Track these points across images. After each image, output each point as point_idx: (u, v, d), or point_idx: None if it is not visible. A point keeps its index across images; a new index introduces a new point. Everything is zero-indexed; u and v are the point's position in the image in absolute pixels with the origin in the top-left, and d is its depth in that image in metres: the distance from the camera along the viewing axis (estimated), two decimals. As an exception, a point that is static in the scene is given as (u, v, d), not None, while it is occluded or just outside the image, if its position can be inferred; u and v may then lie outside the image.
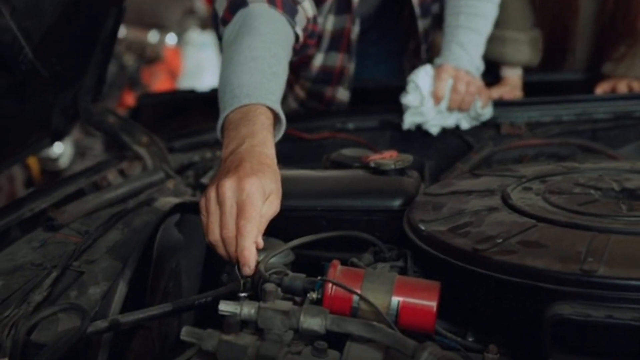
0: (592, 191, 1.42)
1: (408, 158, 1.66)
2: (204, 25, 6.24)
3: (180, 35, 6.09)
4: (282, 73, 1.57)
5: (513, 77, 2.29)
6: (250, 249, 1.27)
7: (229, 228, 1.29)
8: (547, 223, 1.28)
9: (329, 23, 2.15)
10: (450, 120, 2.06)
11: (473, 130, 2.08)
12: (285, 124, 1.53)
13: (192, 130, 2.20)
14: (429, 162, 2.06)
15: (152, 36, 5.85)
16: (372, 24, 2.45)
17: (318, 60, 2.21)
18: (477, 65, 2.11)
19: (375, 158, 1.65)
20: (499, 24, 2.22)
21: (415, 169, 1.91)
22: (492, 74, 2.28)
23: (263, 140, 1.40)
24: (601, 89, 2.23)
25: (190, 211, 1.63)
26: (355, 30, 2.15)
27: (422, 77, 2.04)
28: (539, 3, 2.25)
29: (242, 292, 1.26)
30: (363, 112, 2.17)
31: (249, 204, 1.28)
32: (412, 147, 2.08)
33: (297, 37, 1.71)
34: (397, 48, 2.45)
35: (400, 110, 2.07)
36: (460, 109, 2.04)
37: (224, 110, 1.46)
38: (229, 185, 1.29)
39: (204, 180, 1.89)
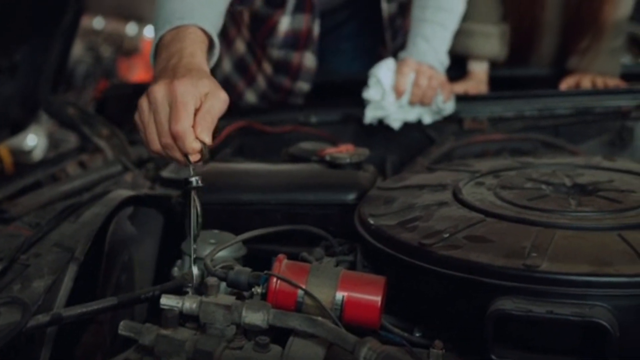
0: (543, 186, 1.42)
1: (364, 152, 1.65)
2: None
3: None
4: (217, 2, 1.54)
5: (479, 72, 2.29)
6: (193, 146, 1.24)
7: (166, 134, 1.26)
8: (495, 218, 1.28)
9: None
10: (412, 114, 2.05)
11: (435, 125, 2.08)
12: (219, 47, 1.48)
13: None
14: (391, 157, 2.06)
15: (131, 28, 5.82)
16: (344, 19, 2.44)
17: (284, 24, 2.19)
18: (441, 60, 2.10)
19: (331, 152, 1.64)
20: (467, 17, 2.21)
21: (377, 164, 1.92)
22: (457, 68, 2.28)
23: (192, 53, 1.36)
24: (566, 84, 2.23)
25: (144, 204, 1.62)
26: None
27: (383, 71, 2.04)
28: None
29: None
30: (326, 105, 2.17)
31: (180, 104, 1.25)
32: (375, 141, 2.08)
33: None
34: (371, 44, 2.44)
35: (363, 104, 2.06)
36: (422, 103, 2.04)
37: (156, 35, 1.43)
38: (158, 89, 1.27)
39: (164, 173, 1.87)
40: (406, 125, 2.07)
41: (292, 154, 1.75)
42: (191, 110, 1.25)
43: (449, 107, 2.06)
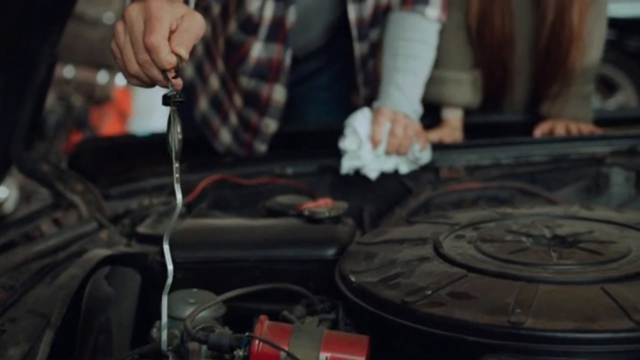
0: (523, 238, 1.41)
1: (342, 206, 1.64)
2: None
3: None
4: None
5: (453, 119, 2.30)
6: (168, 59, 1.22)
7: (142, 50, 1.23)
8: (477, 273, 1.28)
9: (267, 10, 2.13)
10: (389, 164, 2.05)
11: (412, 174, 2.08)
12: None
13: (129, 177, 2.16)
14: (368, 207, 2.05)
15: (102, 77, 5.80)
16: (319, 67, 2.44)
17: (256, 51, 2.18)
18: (415, 108, 2.11)
19: (309, 206, 1.63)
20: (439, 64, 2.23)
21: (355, 214, 1.91)
22: (431, 116, 2.28)
23: None
24: (540, 130, 2.24)
25: (121, 263, 1.60)
26: (291, 18, 2.12)
27: (359, 121, 2.04)
28: (476, 42, 2.26)
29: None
30: (302, 156, 2.16)
31: (155, 18, 1.23)
32: (352, 191, 2.08)
33: None
34: (346, 94, 2.44)
35: (339, 154, 2.06)
36: (399, 152, 2.04)
37: None
38: (132, 8, 1.25)
39: (141, 228, 1.85)
40: (383, 175, 2.06)
41: (270, 208, 1.74)
42: (166, 25, 1.24)
43: (425, 156, 2.06)
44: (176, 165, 1.27)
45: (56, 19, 1.93)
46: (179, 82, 1.28)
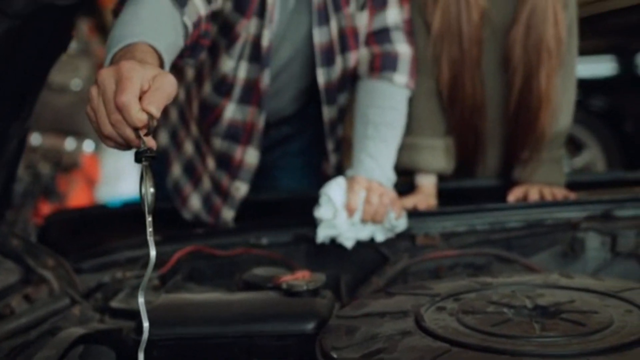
0: (505, 309, 1.40)
1: (321, 278, 1.62)
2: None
3: (97, 141, 6.01)
4: (168, 31, 1.60)
5: (427, 185, 2.30)
6: (138, 117, 1.26)
7: (114, 110, 1.27)
8: (460, 347, 1.26)
9: (241, 70, 2.13)
10: (365, 232, 2.04)
11: (388, 242, 2.07)
12: (168, 64, 1.52)
13: (101, 250, 2.13)
14: (345, 276, 2.03)
15: (69, 143, 5.76)
16: (292, 133, 2.44)
17: (229, 112, 2.18)
18: (388, 176, 2.11)
19: (287, 279, 1.61)
20: (411, 131, 2.24)
21: (331, 284, 1.89)
22: (405, 183, 2.28)
23: (142, 58, 1.39)
24: (513, 196, 2.25)
25: (94, 341, 1.56)
26: (265, 81, 2.13)
27: (334, 190, 2.03)
28: (447, 107, 2.28)
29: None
30: (277, 226, 2.14)
31: (126, 79, 1.27)
32: (328, 261, 2.06)
33: (185, 27, 1.70)
34: (320, 161, 2.44)
35: (314, 223, 2.04)
36: (374, 220, 2.03)
37: (108, 56, 1.47)
38: (105, 71, 1.30)
39: (114, 303, 1.82)
40: (359, 244, 2.05)
41: (247, 281, 1.71)
42: (136, 85, 1.28)
43: (401, 223, 2.05)
44: (149, 219, 1.29)
45: (28, 94, 1.92)
46: (151, 140, 1.30)
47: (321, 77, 2.20)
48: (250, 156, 2.22)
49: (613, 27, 5.51)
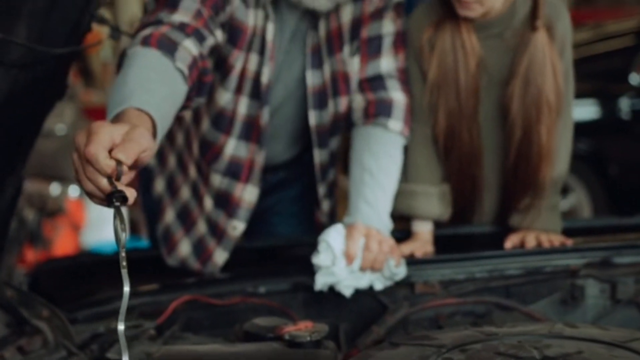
0: (513, 361, 1.39)
1: (323, 328, 1.61)
2: (107, 176, 6.15)
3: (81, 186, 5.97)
4: (156, 81, 1.66)
5: (424, 232, 2.29)
6: (106, 163, 1.33)
7: (87, 164, 1.34)
8: (472, 400, 1.24)
9: (242, 106, 2.14)
10: (364, 281, 2.03)
11: (387, 290, 2.05)
12: (161, 131, 1.58)
13: (95, 299, 2.10)
14: (343, 325, 2.01)
15: (54, 189, 5.73)
16: (289, 178, 2.43)
17: (230, 147, 2.18)
18: (385, 223, 2.11)
19: (289, 329, 1.59)
20: (408, 178, 2.24)
21: (330, 332, 1.87)
22: (400, 229, 2.27)
23: (132, 123, 1.46)
24: (510, 242, 2.24)
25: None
26: (265, 118, 2.14)
27: (333, 237, 2.02)
28: (443, 155, 2.28)
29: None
30: (274, 274, 2.12)
31: (93, 133, 1.35)
32: (326, 309, 2.04)
33: (181, 72, 1.75)
34: (313, 208, 2.43)
35: (311, 271, 2.03)
36: (374, 268, 2.01)
37: None
38: (79, 132, 1.38)
39: (110, 354, 1.79)
40: (357, 292, 2.04)
41: (247, 332, 1.69)
42: (104, 137, 1.35)
43: (400, 271, 2.04)
44: (122, 254, 1.40)
45: (23, 144, 1.91)
46: (127, 187, 1.36)
47: (313, 119, 2.21)
48: (250, 193, 2.21)
49: (596, 71, 5.56)
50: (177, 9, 1.89)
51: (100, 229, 5.92)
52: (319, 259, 2.01)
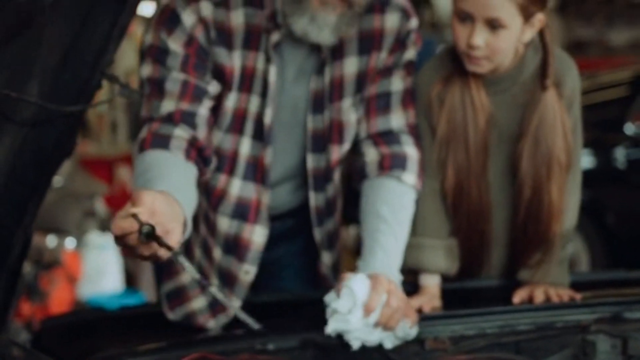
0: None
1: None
2: (104, 227, 6.14)
3: (79, 238, 5.96)
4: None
5: (431, 286, 2.27)
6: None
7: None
8: None
9: (244, 147, 2.17)
10: (374, 336, 1.99)
11: (397, 347, 2.02)
12: (190, 227, 1.86)
13: (101, 357, 2.08)
14: (353, 383, 1.99)
15: (51, 240, 5.71)
16: (294, 229, 2.42)
17: (235, 188, 2.19)
18: (396, 275, 2.10)
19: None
20: (415, 231, 2.23)
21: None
22: (406, 283, 2.26)
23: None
24: (519, 297, 2.23)
25: None
26: (268, 158, 2.18)
27: (358, 285, 1.96)
28: (452, 210, 2.27)
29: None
30: (283, 331, 2.10)
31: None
32: (336, 366, 2.02)
33: (181, 156, 2.01)
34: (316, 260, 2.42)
35: (320, 328, 2.00)
36: (388, 325, 1.98)
37: None
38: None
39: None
40: (367, 348, 2.01)
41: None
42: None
43: (413, 332, 2.01)
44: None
45: (32, 200, 1.91)
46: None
47: (310, 162, 2.23)
48: (259, 235, 2.21)
49: (591, 121, 5.60)
50: (164, 94, 2.07)
51: (96, 281, 5.89)
52: (339, 304, 1.95)
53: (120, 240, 1.67)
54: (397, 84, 2.24)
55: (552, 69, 2.20)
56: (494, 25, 2.08)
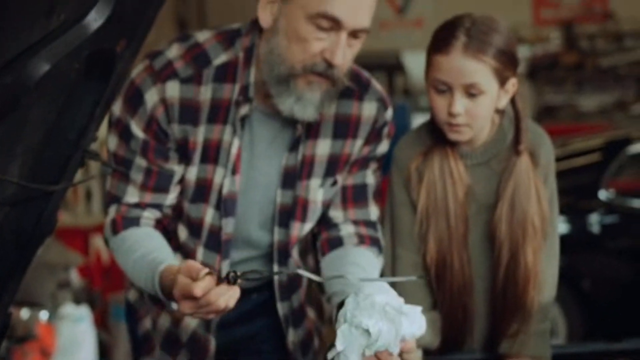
0: None
1: None
2: (78, 299, 6.08)
3: (53, 310, 5.89)
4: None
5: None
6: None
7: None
8: None
9: (208, 216, 2.20)
10: None
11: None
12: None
13: None
14: None
15: (24, 313, 5.63)
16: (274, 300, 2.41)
17: (199, 255, 2.22)
18: None
19: None
20: (399, 305, 2.22)
21: None
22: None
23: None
24: (499, 370, 2.23)
25: None
26: (229, 228, 2.20)
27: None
28: (435, 284, 2.28)
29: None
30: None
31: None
32: None
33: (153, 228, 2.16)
34: None
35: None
36: None
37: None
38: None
39: None
40: None
41: None
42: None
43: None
44: None
45: (12, 280, 1.89)
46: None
47: (276, 235, 2.24)
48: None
49: (566, 188, 5.65)
50: (129, 181, 2.15)
51: (71, 354, 5.80)
52: None
53: (193, 305, 1.75)
54: (371, 177, 2.29)
55: (525, 134, 2.23)
56: (472, 92, 2.11)
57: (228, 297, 1.73)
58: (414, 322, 1.79)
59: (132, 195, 2.15)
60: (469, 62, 2.10)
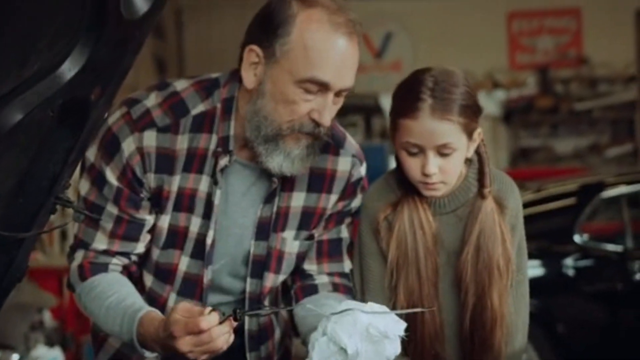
0: None
1: None
2: (51, 341, 6.02)
3: (25, 352, 5.83)
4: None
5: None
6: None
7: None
8: None
9: (183, 264, 2.20)
10: None
11: None
12: None
13: None
14: None
15: (-3, 357, 5.57)
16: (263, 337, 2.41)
17: (172, 301, 2.22)
18: None
19: None
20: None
21: None
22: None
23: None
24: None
25: None
26: (208, 277, 2.20)
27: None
28: (406, 334, 2.28)
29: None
30: None
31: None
32: None
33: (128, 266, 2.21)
34: None
35: None
36: None
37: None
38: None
39: None
40: None
41: None
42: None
43: None
44: None
45: None
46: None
47: (249, 286, 2.24)
48: None
49: (540, 232, 5.68)
50: (98, 227, 2.15)
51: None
52: None
53: (195, 341, 1.82)
54: (345, 231, 2.32)
55: (489, 178, 2.25)
56: (444, 152, 2.13)
57: (225, 339, 1.80)
58: (397, 348, 1.81)
59: (100, 242, 2.15)
60: (438, 124, 2.12)
